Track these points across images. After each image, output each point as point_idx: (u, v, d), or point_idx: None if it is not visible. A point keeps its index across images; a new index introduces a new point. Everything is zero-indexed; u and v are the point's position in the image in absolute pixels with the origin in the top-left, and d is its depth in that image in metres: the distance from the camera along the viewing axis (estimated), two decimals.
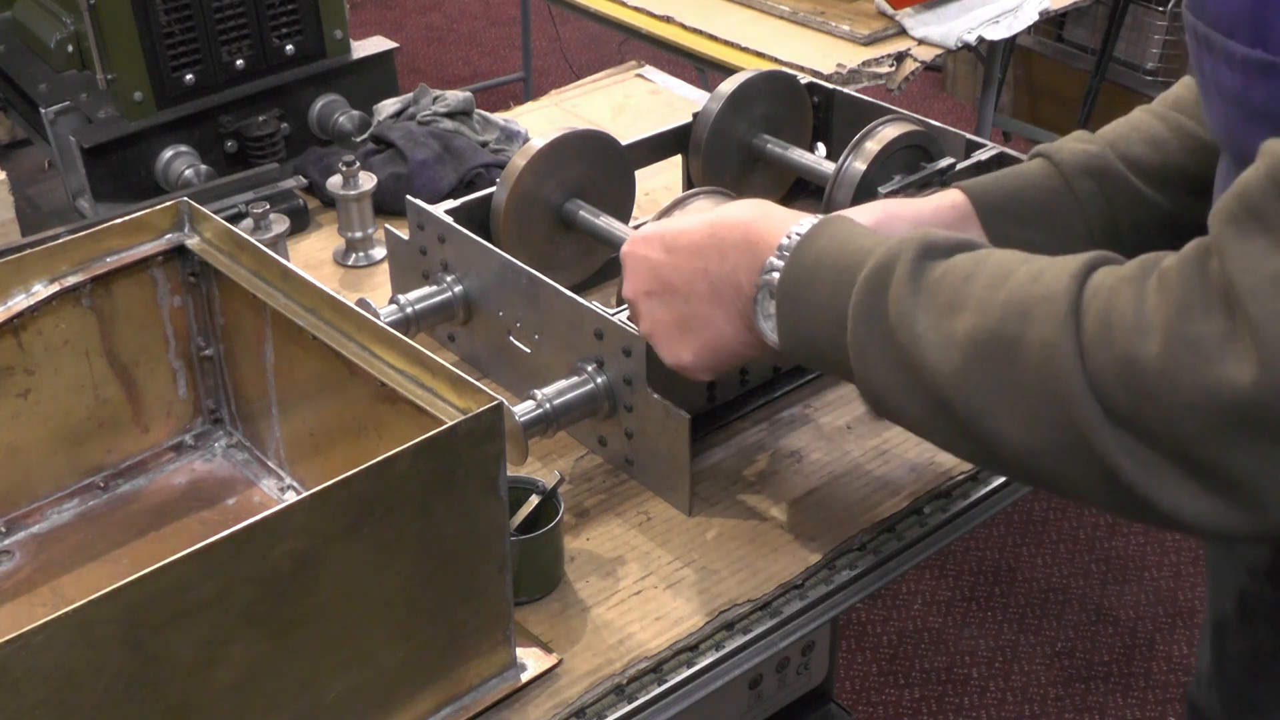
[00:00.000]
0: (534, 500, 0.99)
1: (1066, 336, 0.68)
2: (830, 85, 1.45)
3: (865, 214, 0.99)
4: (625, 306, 1.07)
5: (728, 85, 1.36)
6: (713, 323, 0.92)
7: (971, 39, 2.33)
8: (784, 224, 0.88)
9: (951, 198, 1.02)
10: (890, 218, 0.99)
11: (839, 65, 2.22)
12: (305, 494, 0.76)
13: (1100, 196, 1.02)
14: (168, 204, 1.08)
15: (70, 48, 1.65)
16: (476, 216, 1.23)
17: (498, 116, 1.64)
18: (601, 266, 1.34)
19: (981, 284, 0.74)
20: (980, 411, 0.72)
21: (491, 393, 0.83)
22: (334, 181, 1.42)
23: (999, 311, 0.72)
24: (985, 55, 2.66)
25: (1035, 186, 1.03)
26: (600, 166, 1.28)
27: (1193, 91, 1.02)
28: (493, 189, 1.24)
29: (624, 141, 1.31)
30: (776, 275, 0.86)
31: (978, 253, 0.78)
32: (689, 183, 1.41)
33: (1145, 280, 0.67)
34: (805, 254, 0.85)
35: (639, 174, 1.34)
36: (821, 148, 1.48)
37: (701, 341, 0.93)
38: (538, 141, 1.23)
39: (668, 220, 0.99)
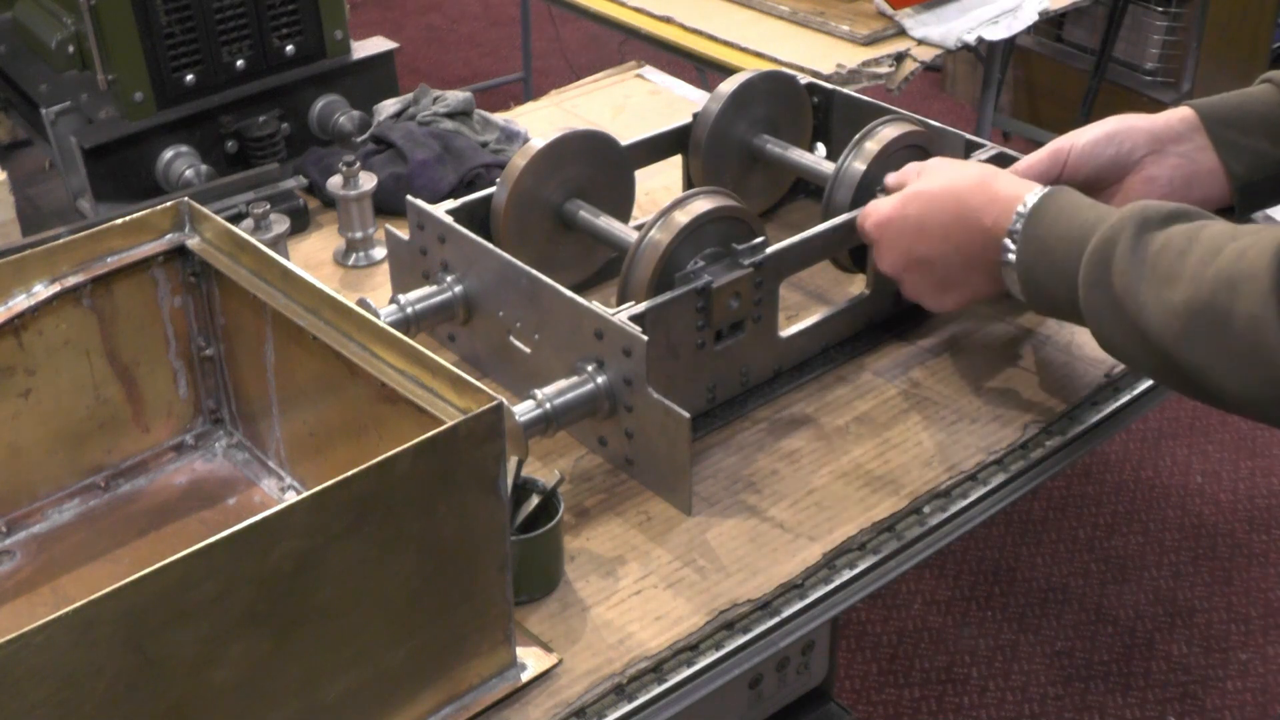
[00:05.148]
0: (534, 500, 0.99)
1: (1270, 311, 0.84)
2: (830, 85, 1.45)
3: (1101, 126, 1.14)
4: (625, 306, 1.08)
5: (728, 85, 1.36)
6: (968, 281, 1.11)
7: (971, 39, 2.33)
8: (1015, 193, 1.05)
9: (1180, 113, 1.15)
10: (1126, 128, 1.14)
11: (839, 65, 2.22)
12: (305, 494, 0.76)
13: None
14: (168, 204, 1.08)
15: (71, 48, 1.64)
16: (476, 216, 1.23)
17: (498, 116, 1.64)
18: (601, 266, 1.34)
19: (1195, 259, 0.89)
20: (1201, 369, 0.89)
21: (491, 393, 0.83)
22: (334, 182, 1.42)
23: (1210, 285, 0.87)
24: (985, 55, 2.66)
25: (1259, 100, 1.15)
26: (600, 166, 1.28)
27: None
28: (493, 189, 1.24)
29: (624, 142, 1.31)
30: (1014, 243, 1.03)
31: (1191, 225, 0.92)
32: (689, 183, 1.41)
33: None
34: (1038, 225, 1.02)
35: (639, 174, 1.34)
36: (821, 148, 1.48)
37: (959, 294, 1.14)
38: (538, 141, 1.23)
39: (901, 199, 1.13)
